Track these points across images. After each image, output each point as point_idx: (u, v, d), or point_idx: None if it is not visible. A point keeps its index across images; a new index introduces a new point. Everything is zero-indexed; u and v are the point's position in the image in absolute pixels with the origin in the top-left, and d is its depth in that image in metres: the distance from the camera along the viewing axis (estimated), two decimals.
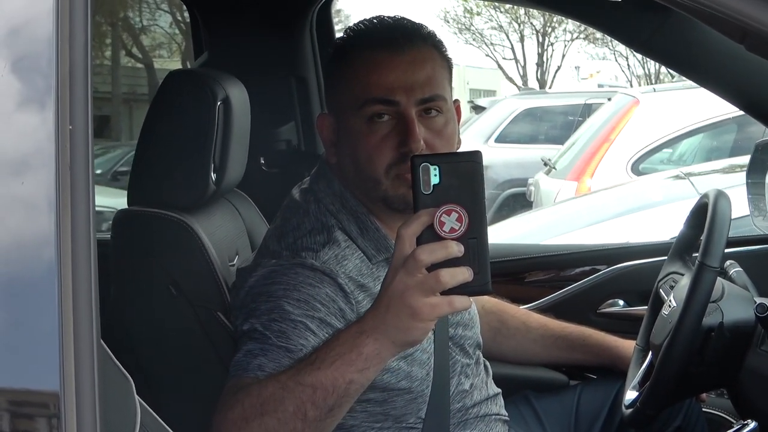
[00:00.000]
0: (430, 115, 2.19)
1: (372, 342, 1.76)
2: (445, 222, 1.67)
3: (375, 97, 2.16)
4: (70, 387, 1.26)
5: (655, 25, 2.72)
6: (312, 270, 2.11)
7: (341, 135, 2.25)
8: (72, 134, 1.26)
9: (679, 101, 8.85)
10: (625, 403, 2.52)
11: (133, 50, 24.69)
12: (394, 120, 2.15)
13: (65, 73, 1.25)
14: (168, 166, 2.51)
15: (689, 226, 2.66)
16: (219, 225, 2.66)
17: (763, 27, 1.47)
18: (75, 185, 1.27)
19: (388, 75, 2.16)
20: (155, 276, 2.44)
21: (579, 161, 9.07)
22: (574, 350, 2.89)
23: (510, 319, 2.92)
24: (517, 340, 2.91)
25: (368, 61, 2.18)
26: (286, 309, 2.04)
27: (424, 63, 2.20)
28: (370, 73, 2.17)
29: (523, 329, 2.92)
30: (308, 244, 2.18)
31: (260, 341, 2.01)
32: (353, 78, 2.20)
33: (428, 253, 1.67)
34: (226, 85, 2.55)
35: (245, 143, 2.72)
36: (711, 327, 2.32)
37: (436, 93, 2.20)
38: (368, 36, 2.25)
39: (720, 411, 2.99)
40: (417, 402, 2.26)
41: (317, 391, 1.79)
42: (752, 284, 2.55)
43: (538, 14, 36.83)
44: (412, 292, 1.69)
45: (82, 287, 1.28)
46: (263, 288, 2.12)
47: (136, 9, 23.81)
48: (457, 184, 1.69)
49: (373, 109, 2.16)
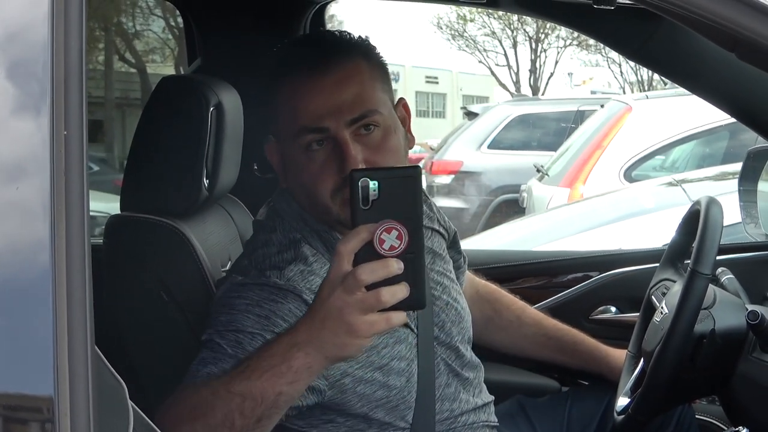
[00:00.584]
0: (366, 132, 2.16)
1: (303, 356, 1.76)
2: (385, 240, 1.66)
3: (305, 127, 2.13)
4: (65, 392, 1.26)
5: (648, 33, 2.73)
6: (275, 287, 2.10)
7: (286, 162, 2.24)
8: (67, 140, 1.26)
9: (672, 108, 8.86)
10: (616, 410, 2.53)
11: (127, 55, 24.67)
12: (330, 145, 2.13)
13: (60, 78, 1.26)
14: (160, 171, 2.51)
15: (681, 233, 2.67)
16: (211, 231, 2.66)
17: (753, 35, 1.47)
18: (69, 190, 1.27)
19: (313, 101, 2.13)
20: (147, 282, 2.44)
21: (572, 168, 9.09)
22: (564, 353, 2.89)
23: (504, 311, 2.92)
24: (508, 333, 2.92)
25: (293, 89, 2.16)
26: (244, 323, 2.03)
27: (350, 80, 2.16)
28: (297, 100, 2.15)
29: (516, 323, 2.92)
30: (275, 261, 2.17)
31: (215, 350, 2.01)
32: (283, 107, 2.18)
33: (369, 273, 1.66)
34: (218, 90, 2.55)
35: (238, 149, 2.72)
36: (703, 334, 2.33)
37: (367, 109, 2.16)
38: (291, 62, 2.22)
39: (712, 417, 3.00)
40: (400, 409, 2.25)
41: (246, 400, 1.79)
42: (744, 291, 2.56)
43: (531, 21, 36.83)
44: (351, 309, 1.68)
45: (77, 292, 1.28)
46: (226, 300, 2.12)
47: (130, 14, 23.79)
48: (396, 199, 1.68)
49: (307, 139, 2.13)
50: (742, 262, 3.17)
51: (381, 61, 2.27)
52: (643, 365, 2.54)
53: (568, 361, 2.91)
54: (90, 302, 1.29)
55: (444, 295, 2.43)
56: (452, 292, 2.48)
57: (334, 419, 2.21)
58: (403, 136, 2.26)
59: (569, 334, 2.90)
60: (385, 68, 2.28)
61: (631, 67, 37.78)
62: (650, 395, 2.35)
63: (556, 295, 3.45)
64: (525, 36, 39.49)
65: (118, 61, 24.47)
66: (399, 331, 2.25)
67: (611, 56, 38.18)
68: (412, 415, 2.27)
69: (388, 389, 2.21)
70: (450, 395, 2.38)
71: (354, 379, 2.16)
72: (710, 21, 1.49)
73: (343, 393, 2.16)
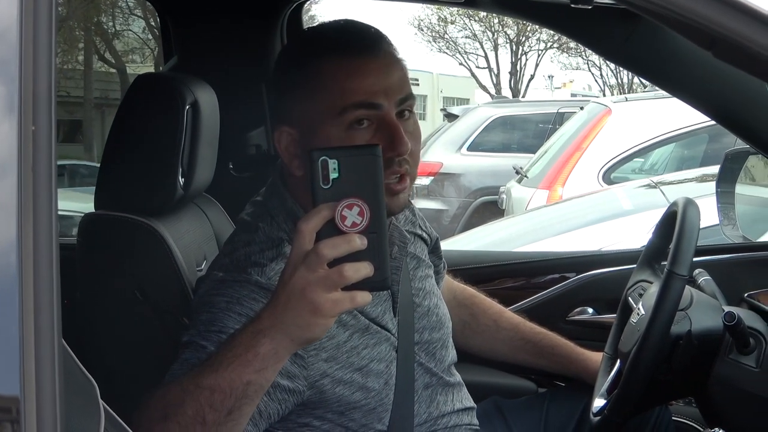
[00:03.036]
0: (404, 117, 2.16)
1: (268, 341, 1.73)
2: (346, 216, 1.64)
3: (355, 103, 2.09)
4: (31, 391, 1.24)
5: (626, 34, 2.73)
6: (257, 286, 2.07)
7: (308, 147, 2.19)
8: (35, 135, 1.24)
9: (651, 111, 8.89)
10: (593, 411, 2.52)
11: (106, 55, 24.66)
12: (375, 125, 2.10)
13: (28, 72, 1.24)
14: (135, 169, 2.49)
15: (658, 235, 2.67)
16: (187, 230, 2.64)
17: (730, 34, 1.47)
18: (38, 187, 1.25)
19: (367, 79, 2.10)
20: (121, 280, 2.43)
21: (551, 170, 9.10)
22: (542, 357, 2.89)
23: (481, 315, 2.92)
24: (484, 338, 2.92)
25: (342, 68, 2.11)
26: (226, 322, 2.00)
27: (396, 64, 2.17)
28: (346, 79, 2.10)
29: (493, 328, 2.91)
30: (257, 259, 2.14)
31: (198, 351, 1.98)
32: (324, 87, 2.12)
33: (331, 248, 1.64)
34: (194, 88, 2.54)
35: (214, 147, 2.71)
36: (679, 335, 2.33)
37: (410, 92, 2.17)
38: (334, 42, 2.19)
39: (688, 419, 3.00)
40: (377, 412, 2.23)
41: (215, 393, 1.76)
42: (720, 293, 2.56)
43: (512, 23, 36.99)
44: (314, 287, 1.65)
45: (44, 291, 1.26)
46: (206, 299, 2.10)
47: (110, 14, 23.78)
48: (357, 178, 1.66)
49: (355, 115, 2.09)
50: (720, 264, 3.17)
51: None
52: (619, 366, 2.54)
53: (545, 365, 2.91)
54: (58, 301, 1.27)
55: (425, 301, 2.43)
56: (433, 298, 2.47)
57: (310, 423, 2.19)
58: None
59: (546, 338, 2.90)
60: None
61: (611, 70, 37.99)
62: (626, 396, 2.35)
63: (534, 296, 3.44)
64: (506, 38, 39.64)
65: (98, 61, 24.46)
66: (380, 333, 2.24)
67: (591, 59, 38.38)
68: (389, 418, 2.26)
69: (366, 391, 2.20)
70: (428, 398, 2.37)
71: (333, 380, 2.15)
72: (686, 19, 1.48)
73: (321, 393, 2.14)
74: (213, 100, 2.68)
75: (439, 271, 2.73)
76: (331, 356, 2.13)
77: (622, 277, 2.81)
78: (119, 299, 2.44)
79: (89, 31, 23.14)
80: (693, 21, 1.48)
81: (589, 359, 2.83)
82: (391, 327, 2.28)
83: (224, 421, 1.78)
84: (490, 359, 2.97)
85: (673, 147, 9.23)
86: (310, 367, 2.09)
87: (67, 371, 1.33)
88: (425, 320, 2.40)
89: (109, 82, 25.74)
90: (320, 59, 2.15)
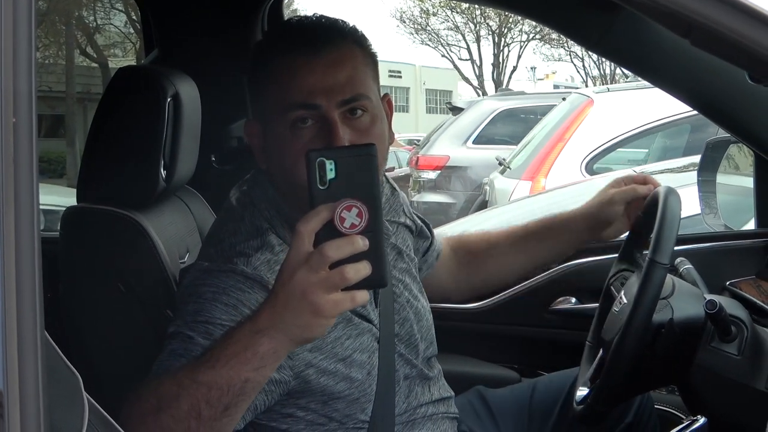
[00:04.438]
0: (354, 116, 2.15)
1: (268, 341, 1.74)
2: (345, 218, 1.66)
3: (296, 102, 2.12)
4: (14, 383, 1.24)
5: (606, 24, 2.74)
6: (243, 276, 2.08)
7: (268, 141, 2.21)
8: (16, 127, 1.24)
9: (634, 101, 8.89)
10: (576, 400, 2.53)
11: (88, 49, 24.60)
12: (318, 124, 2.12)
13: (8, 65, 1.24)
14: (117, 162, 2.49)
15: (638, 225, 2.67)
16: (169, 222, 2.64)
17: (706, 21, 1.48)
18: (19, 179, 1.25)
19: (307, 78, 2.12)
20: (104, 273, 2.43)
21: (533, 161, 9.10)
22: (548, 238, 2.90)
23: (475, 246, 2.92)
24: (492, 262, 2.91)
25: (287, 66, 2.14)
26: (213, 313, 2.01)
27: (344, 63, 2.16)
28: (290, 77, 2.14)
29: (491, 249, 2.91)
30: (242, 249, 2.15)
31: (185, 341, 1.99)
32: (274, 83, 2.16)
33: (335, 250, 1.65)
34: (176, 81, 2.54)
35: (196, 140, 2.71)
36: (661, 323, 2.33)
37: (358, 92, 2.16)
38: (285, 40, 2.21)
39: (670, 407, 3.01)
40: (360, 402, 2.25)
41: (212, 390, 1.77)
42: (702, 281, 2.57)
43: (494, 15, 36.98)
44: (315, 289, 1.67)
45: (26, 284, 1.26)
46: (192, 289, 2.10)
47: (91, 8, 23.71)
48: (354, 179, 1.68)
49: (296, 115, 2.12)
50: (701, 253, 3.18)
51: (372, 51, 2.27)
52: (602, 355, 2.54)
53: (557, 245, 2.91)
54: (40, 294, 1.27)
55: (406, 292, 2.43)
56: (413, 290, 2.48)
57: (294, 413, 2.20)
58: (387, 128, 2.27)
59: (538, 223, 2.91)
60: (375, 58, 2.28)
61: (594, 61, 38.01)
62: (609, 385, 2.35)
63: (516, 286, 3.45)
64: (488, 30, 39.66)
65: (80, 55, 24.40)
66: (362, 324, 2.25)
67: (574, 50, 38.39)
68: (371, 408, 2.27)
69: (349, 381, 2.21)
70: (406, 388, 2.38)
71: (318, 370, 2.15)
72: (663, 6, 1.49)
73: (306, 384, 2.15)
74: (194, 92, 2.68)
75: (431, 246, 2.76)
76: (316, 346, 2.14)
77: (604, 267, 2.82)
78: (102, 292, 2.43)
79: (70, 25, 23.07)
80: (668, 8, 1.49)
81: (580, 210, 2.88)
82: (373, 318, 2.28)
83: (220, 416, 1.79)
84: (510, 277, 3.00)
85: (656, 137, 9.24)
86: (295, 357, 2.09)
87: (51, 364, 1.33)
88: (405, 312, 2.40)
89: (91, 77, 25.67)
90: (275, 56, 2.17)
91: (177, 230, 2.68)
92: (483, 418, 2.75)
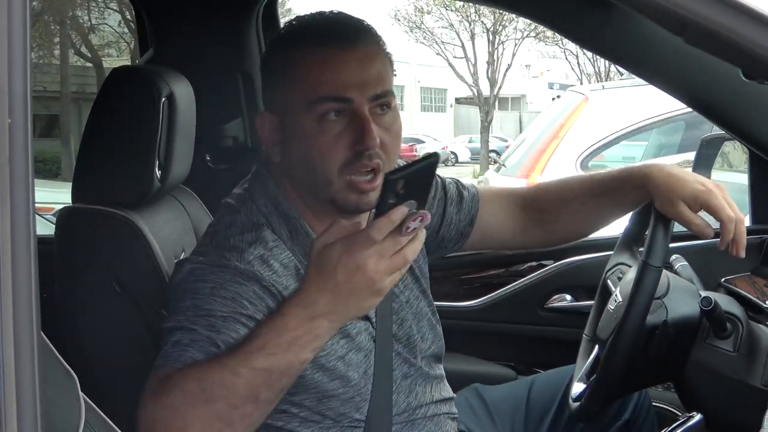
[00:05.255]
0: (381, 112, 2.15)
1: (327, 323, 1.85)
2: (410, 226, 1.78)
3: (327, 96, 2.09)
4: (11, 383, 1.24)
5: (600, 21, 2.74)
6: (237, 271, 2.08)
7: (288, 135, 2.19)
8: (11, 128, 1.24)
9: (628, 98, 8.88)
10: (572, 396, 2.53)
11: (82, 49, 24.57)
12: (347, 118, 2.10)
13: (3, 66, 1.24)
14: (112, 162, 2.49)
15: (635, 221, 2.67)
16: (164, 222, 2.64)
17: (700, 19, 1.48)
18: (14, 180, 1.25)
19: (340, 72, 2.11)
20: (100, 274, 2.43)
21: (528, 158, 9.10)
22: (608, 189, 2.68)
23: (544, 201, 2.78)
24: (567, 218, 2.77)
25: (318, 59, 2.11)
26: (213, 306, 2.02)
27: (375, 58, 2.16)
28: (321, 70, 2.11)
29: (567, 208, 2.76)
30: (235, 242, 2.15)
31: (189, 333, 1.99)
32: (301, 76, 2.13)
33: (412, 253, 1.82)
34: (170, 81, 2.54)
35: (191, 140, 2.71)
36: (655, 325, 2.34)
37: (386, 89, 2.16)
38: (315, 32, 2.18)
39: (667, 404, 3.02)
40: (355, 401, 2.24)
41: (272, 374, 1.85)
42: (697, 278, 2.58)
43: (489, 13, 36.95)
44: (382, 274, 1.81)
45: (22, 284, 1.26)
46: (189, 285, 2.09)
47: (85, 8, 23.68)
48: (417, 185, 1.78)
49: (325, 108, 2.09)
50: (696, 250, 3.18)
51: (389, 52, 2.27)
52: (598, 351, 2.55)
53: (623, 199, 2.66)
54: (36, 294, 1.27)
55: (406, 292, 2.43)
56: (414, 289, 2.47)
57: (288, 409, 2.20)
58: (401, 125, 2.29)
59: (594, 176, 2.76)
60: (392, 59, 2.28)
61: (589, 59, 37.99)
62: (603, 385, 2.36)
63: (512, 283, 3.45)
64: (482, 28, 39.57)
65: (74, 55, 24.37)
66: (359, 323, 2.25)
67: (568, 48, 38.38)
68: (367, 408, 2.26)
69: (343, 380, 2.21)
70: (407, 388, 2.37)
71: (313, 365, 2.15)
72: (656, 4, 1.49)
73: (302, 377, 2.15)
74: (189, 92, 2.67)
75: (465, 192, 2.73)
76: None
77: (599, 264, 2.82)
78: (98, 292, 2.43)
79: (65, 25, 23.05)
80: (662, 6, 1.49)
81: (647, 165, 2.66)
82: (371, 316, 2.28)
83: (276, 397, 1.91)
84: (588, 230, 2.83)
85: (651, 134, 9.24)
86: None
87: (47, 364, 1.33)
88: (403, 312, 2.40)
89: (85, 77, 25.65)
90: (300, 49, 2.15)
91: (172, 230, 2.68)
92: (480, 416, 2.75)
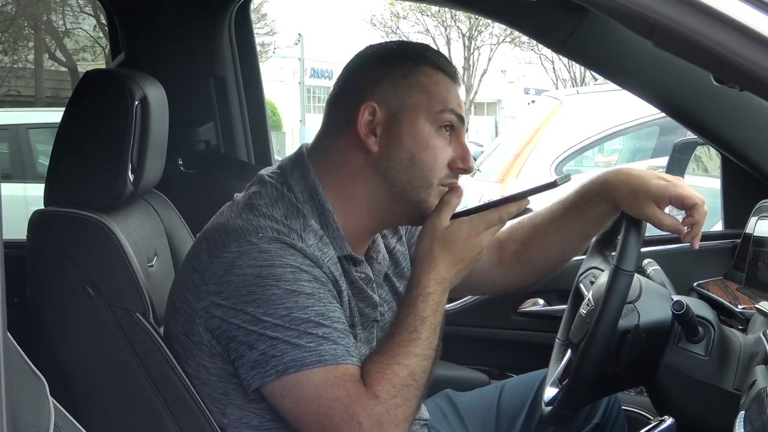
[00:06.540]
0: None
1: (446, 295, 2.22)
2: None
3: (452, 109, 2.30)
4: None
5: (572, 26, 2.75)
6: (301, 252, 2.12)
7: (396, 131, 2.26)
8: None
9: (603, 103, 8.91)
10: (544, 400, 2.53)
11: (57, 53, 24.47)
12: (452, 137, 2.32)
13: None
14: (85, 166, 2.48)
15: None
16: (137, 226, 2.63)
17: (668, 22, 1.48)
18: None
19: (456, 94, 2.34)
20: (72, 277, 2.41)
21: (503, 163, 9.11)
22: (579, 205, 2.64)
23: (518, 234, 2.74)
24: (541, 244, 2.71)
25: (447, 79, 2.33)
26: (307, 291, 2.10)
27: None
28: (448, 89, 2.31)
29: (538, 233, 2.71)
30: (292, 224, 2.18)
31: (319, 327, 2.09)
32: (430, 87, 2.29)
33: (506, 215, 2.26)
34: (143, 84, 2.53)
35: (163, 143, 2.70)
36: (627, 329, 2.34)
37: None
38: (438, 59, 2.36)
39: (638, 408, 3.02)
40: None
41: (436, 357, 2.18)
42: (669, 282, 2.58)
43: (465, 18, 36.99)
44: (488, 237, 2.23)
45: None
46: (263, 270, 2.09)
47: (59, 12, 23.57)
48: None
49: (448, 118, 2.29)
50: (669, 254, 3.20)
51: None
52: (570, 355, 2.55)
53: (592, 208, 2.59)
54: (3, 297, 1.26)
55: (389, 313, 2.43)
56: (394, 307, 2.46)
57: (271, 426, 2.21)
58: None
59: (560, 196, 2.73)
60: None
61: (564, 64, 38.06)
62: (576, 389, 2.36)
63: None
64: (458, 33, 39.63)
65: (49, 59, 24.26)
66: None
67: (544, 53, 38.42)
68: None
69: None
70: None
71: None
72: (624, 7, 1.49)
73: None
74: (162, 95, 2.67)
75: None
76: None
77: (571, 269, 2.81)
78: (70, 295, 2.42)
79: (39, 29, 22.95)
80: (630, 9, 1.50)
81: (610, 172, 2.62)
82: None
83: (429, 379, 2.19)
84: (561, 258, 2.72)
85: (625, 139, 9.26)
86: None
87: (15, 368, 1.33)
88: (382, 333, 2.39)
89: (60, 81, 25.54)
90: (427, 66, 2.33)
91: (145, 233, 2.67)
92: (451, 421, 2.75)
